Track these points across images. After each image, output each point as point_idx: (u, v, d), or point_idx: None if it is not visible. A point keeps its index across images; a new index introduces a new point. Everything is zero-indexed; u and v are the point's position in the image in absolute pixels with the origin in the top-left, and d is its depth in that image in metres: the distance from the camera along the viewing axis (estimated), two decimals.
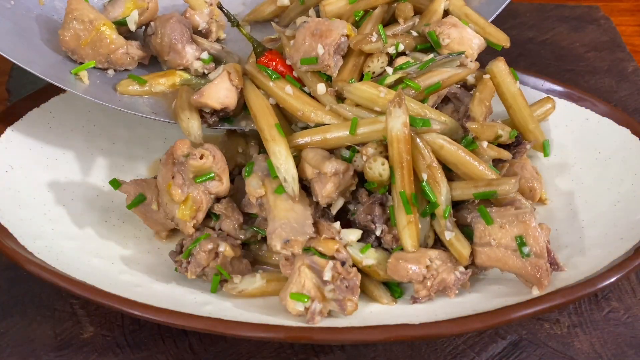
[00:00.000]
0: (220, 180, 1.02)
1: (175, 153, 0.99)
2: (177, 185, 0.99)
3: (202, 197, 1.00)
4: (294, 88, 1.07)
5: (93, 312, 0.99)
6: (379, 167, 0.98)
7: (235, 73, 1.08)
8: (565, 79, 1.45)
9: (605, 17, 1.67)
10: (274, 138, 1.01)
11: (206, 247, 0.98)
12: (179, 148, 0.99)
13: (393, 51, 1.09)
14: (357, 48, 1.07)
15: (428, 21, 1.15)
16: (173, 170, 1.00)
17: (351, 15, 1.16)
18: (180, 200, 1.00)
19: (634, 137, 1.13)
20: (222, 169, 1.02)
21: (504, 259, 0.94)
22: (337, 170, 0.98)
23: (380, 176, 0.98)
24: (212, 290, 0.98)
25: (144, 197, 1.04)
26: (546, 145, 1.15)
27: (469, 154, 1.00)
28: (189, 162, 0.99)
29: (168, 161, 1.00)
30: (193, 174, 1.00)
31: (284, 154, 0.99)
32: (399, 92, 0.98)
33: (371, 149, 0.99)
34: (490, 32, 1.16)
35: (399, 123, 0.96)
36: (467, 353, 0.95)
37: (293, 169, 0.99)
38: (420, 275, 0.94)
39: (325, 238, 0.95)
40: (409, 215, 0.95)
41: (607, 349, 0.95)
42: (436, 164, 0.97)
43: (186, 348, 0.95)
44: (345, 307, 0.91)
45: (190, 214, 1.00)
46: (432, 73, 1.07)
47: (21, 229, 0.99)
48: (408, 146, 0.96)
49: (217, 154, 1.01)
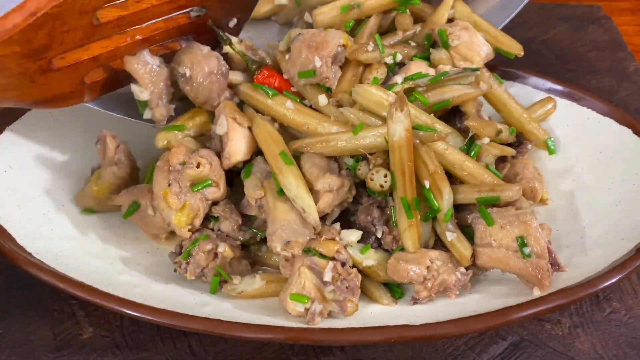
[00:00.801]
0: (217, 187, 1.01)
1: (171, 161, 0.98)
2: (173, 194, 0.98)
3: (199, 204, 0.99)
4: (294, 103, 1.05)
5: (92, 313, 0.99)
6: (380, 179, 0.97)
7: (237, 114, 1.03)
8: (566, 79, 1.44)
9: (606, 17, 1.67)
10: (281, 170, 0.97)
11: (205, 247, 0.98)
12: (175, 156, 0.98)
13: (391, 61, 1.08)
14: (353, 58, 1.05)
15: (429, 31, 1.14)
16: (169, 178, 0.98)
17: (343, 24, 1.14)
18: (178, 208, 0.98)
19: (635, 137, 1.12)
20: (219, 175, 1.01)
21: (505, 260, 0.94)
22: (331, 188, 0.97)
23: (382, 187, 0.97)
24: (211, 291, 0.98)
25: (138, 204, 1.04)
26: (548, 143, 1.15)
27: (471, 160, 1.00)
28: (185, 170, 0.97)
29: (164, 168, 0.99)
30: (190, 182, 0.99)
31: (294, 185, 0.95)
32: (401, 95, 0.96)
33: (380, 159, 0.98)
34: (502, 40, 1.15)
35: (401, 127, 0.94)
36: (467, 354, 0.95)
37: (308, 198, 0.95)
38: (421, 276, 0.93)
39: (325, 239, 0.95)
40: (410, 220, 0.94)
41: (608, 350, 0.95)
42: (440, 170, 0.97)
43: (185, 349, 0.95)
44: (345, 307, 0.91)
45: (187, 220, 0.99)
46: (443, 89, 1.04)
47: (20, 229, 0.99)
48: (410, 152, 0.95)
49: (214, 160, 1.00)
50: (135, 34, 1.02)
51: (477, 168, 1.00)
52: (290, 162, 0.97)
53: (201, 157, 0.99)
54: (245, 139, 1.03)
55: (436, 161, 0.97)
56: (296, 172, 0.97)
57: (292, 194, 0.95)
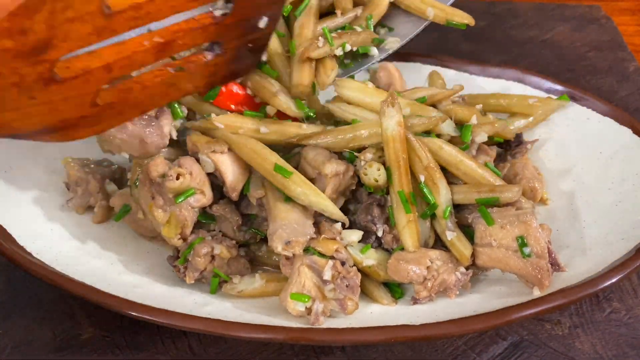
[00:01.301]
0: (202, 193, 0.98)
1: (150, 174, 0.96)
2: (158, 207, 0.96)
3: (184, 214, 0.97)
4: (269, 123, 1.02)
5: (92, 313, 0.99)
6: (374, 173, 0.97)
7: (213, 145, 0.99)
8: (566, 79, 1.44)
9: (606, 17, 1.67)
10: (285, 185, 0.95)
11: (201, 251, 0.97)
12: (153, 169, 0.95)
13: (341, 52, 1.08)
14: (305, 57, 1.05)
15: (371, 13, 1.14)
16: (152, 191, 0.97)
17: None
18: (164, 221, 0.97)
19: (635, 137, 1.12)
20: (202, 182, 0.98)
21: (505, 260, 0.94)
22: (338, 172, 0.97)
23: (376, 181, 0.97)
24: (211, 292, 0.98)
25: (129, 207, 1.04)
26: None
27: (467, 156, 1.00)
28: (165, 184, 0.95)
29: (145, 182, 0.97)
30: (172, 194, 0.96)
31: (305, 192, 0.95)
32: (392, 92, 0.98)
33: (369, 154, 0.98)
34: (452, 12, 1.15)
35: (393, 122, 0.96)
36: (467, 354, 0.95)
37: (324, 201, 0.94)
38: (421, 276, 0.93)
39: (324, 238, 0.95)
40: (408, 215, 0.95)
41: (608, 350, 0.95)
42: (434, 164, 0.97)
43: (185, 349, 0.95)
44: (345, 306, 0.91)
45: (175, 231, 0.97)
46: (418, 89, 1.09)
47: (20, 229, 0.99)
48: (404, 145, 0.96)
49: (194, 168, 0.97)
50: (154, 36, 0.85)
51: (473, 165, 1.00)
52: (289, 172, 0.95)
53: (180, 166, 0.96)
54: (234, 164, 1.00)
55: (430, 156, 0.98)
56: (300, 179, 0.95)
57: (306, 202, 0.94)
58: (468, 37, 1.58)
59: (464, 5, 1.59)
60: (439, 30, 1.24)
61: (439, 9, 1.16)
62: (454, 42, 1.58)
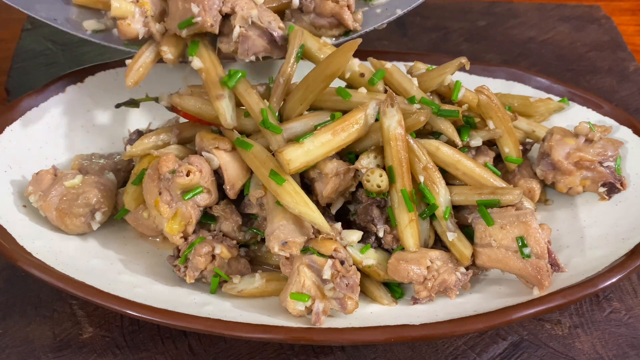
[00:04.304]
0: (208, 192, 0.99)
1: (160, 169, 0.96)
2: (165, 202, 0.97)
3: (190, 212, 0.98)
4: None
5: (92, 313, 0.99)
6: (377, 179, 0.97)
7: (217, 142, 1.00)
8: (566, 79, 1.44)
9: (606, 17, 1.67)
10: (278, 194, 0.94)
11: (202, 250, 0.97)
12: (164, 164, 0.96)
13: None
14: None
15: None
16: (159, 186, 0.97)
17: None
18: (169, 217, 0.97)
19: (635, 136, 1.12)
20: (210, 181, 0.99)
21: (505, 260, 0.94)
22: (338, 171, 0.97)
23: (379, 187, 0.97)
24: (211, 291, 0.98)
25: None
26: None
27: (465, 156, 1.00)
28: (175, 180, 0.96)
29: (154, 177, 0.98)
30: (180, 190, 0.97)
31: (295, 203, 0.93)
32: (390, 92, 0.98)
33: (365, 160, 0.98)
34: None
35: (395, 122, 0.96)
36: (467, 354, 0.95)
37: (312, 213, 0.93)
38: (421, 276, 0.93)
39: (323, 238, 0.94)
40: (410, 214, 0.95)
41: (608, 350, 0.95)
42: (432, 165, 0.97)
43: (186, 349, 0.95)
44: (345, 305, 0.91)
45: (179, 228, 0.98)
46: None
47: (20, 229, 0.99)
48: (405, 143, 0.96)
49: (204, 167, 0.98)
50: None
51: (472, 165, 1.00)
52: (282, 180, 0.94)
53: (190, 164, 0.97)
54: (236, 162, 1.00)
55: (428, 156, 0.98)
56: (292, 188, 0.94)
57: (296, 212, 0.93)
58: (468, 37, 1.58)
59: (464, 5, 1.59)
60: (439, 30, 1.24)
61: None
62: (454, 42, 1.57)
